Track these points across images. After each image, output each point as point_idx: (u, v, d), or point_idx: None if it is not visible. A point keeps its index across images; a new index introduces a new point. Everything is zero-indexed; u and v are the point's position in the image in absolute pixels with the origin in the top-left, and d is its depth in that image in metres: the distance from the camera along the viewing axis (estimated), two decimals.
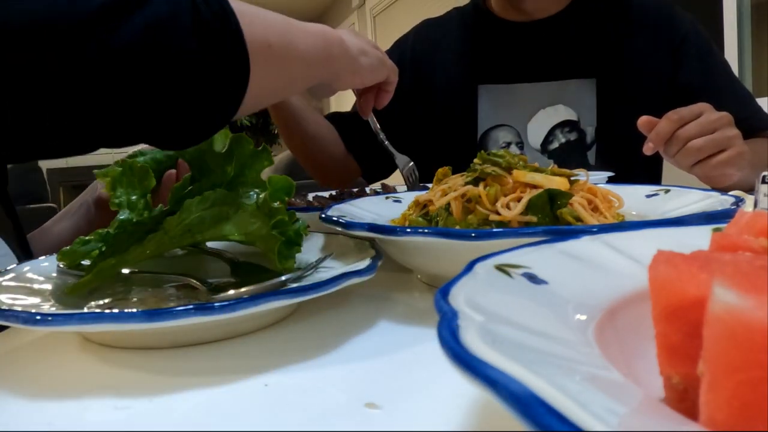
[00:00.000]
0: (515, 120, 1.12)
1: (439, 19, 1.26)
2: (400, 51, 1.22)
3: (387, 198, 0.63)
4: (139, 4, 0.34)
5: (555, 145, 1.12)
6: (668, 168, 1.12)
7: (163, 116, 0.37)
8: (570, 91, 1.11)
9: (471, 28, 1.18)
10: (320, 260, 0.45)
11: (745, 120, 0.99)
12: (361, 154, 1.15)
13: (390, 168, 1.15)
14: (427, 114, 1.17)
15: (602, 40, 1.10)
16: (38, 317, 0.33)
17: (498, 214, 0.46)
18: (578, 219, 0.45)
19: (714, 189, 0.67)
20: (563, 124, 1.12)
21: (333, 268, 0.43)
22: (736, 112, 0.91)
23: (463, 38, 1.18)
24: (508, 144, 1.13)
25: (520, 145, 1.13)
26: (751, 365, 0.14)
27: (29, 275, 0.46)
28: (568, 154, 1.11)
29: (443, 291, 0.22)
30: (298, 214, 0.47)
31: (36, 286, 0.44)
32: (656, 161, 1.15)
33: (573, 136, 1.11)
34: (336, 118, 1.17)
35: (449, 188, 0.50)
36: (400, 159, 0.92)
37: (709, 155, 0.84)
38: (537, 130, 1.13)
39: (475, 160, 0.52)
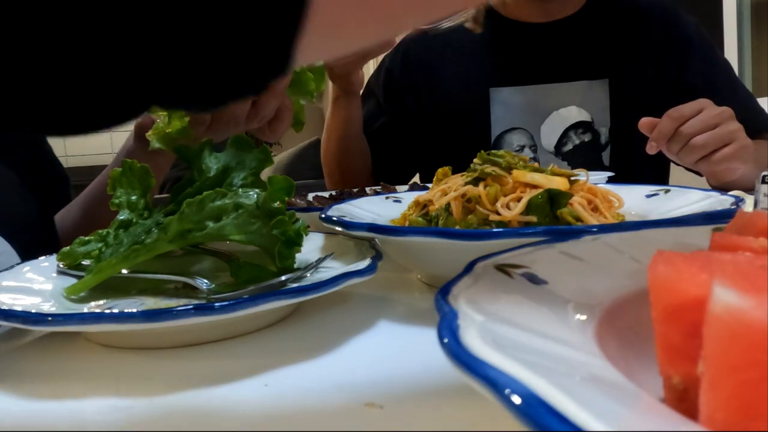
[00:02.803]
0: (528, 123, 1.12)
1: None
2: (404, 57, 1.21)
3: (387, 198, 0.63)
4: None
5: (569, 147, 1.11)
6: (675, 167, 1.13)
7: (185, 63, 0.23)
8: (582, 93, 1.10)
9: (479, 30, 1.18)
10: (320, 260, 0.45)
11: (746, 121, 0.98)
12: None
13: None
14: (440, 119, 1.16)
15: (613, 41, 1.10)
16: (38, 317, 0.33)
17: (498, 214, 0.46)
18: (578, 219, 0.45)
19: (715, 189, 0.68)
20: (577, 126, 1.11)
21: (333, 268, 0.43)
22: (737, 113, 0.92)
23: (472, 41, 1.16)
24: (522, 147, 1.12)
25: (534, 148, 1.12)
26: (751, 365, 0.14)
27: (29, 275, 0.46)
28: (582, 156, 1.11)
29: (443, 291, 0.22)
30: (298, 214, 0.47)
31: (36, 286, 0.44)
32: (665, 160, 1.15)
33: (587, 137, 1.11)
34: (371, 140, 1.17)
35: (449, 188, 0.50)
36: None
37: (713, 150, 0.84)
38: (550, 132, 1.12)
39: (475, 160, 0.52)
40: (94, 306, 0.40)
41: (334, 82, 1.05)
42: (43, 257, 0.50)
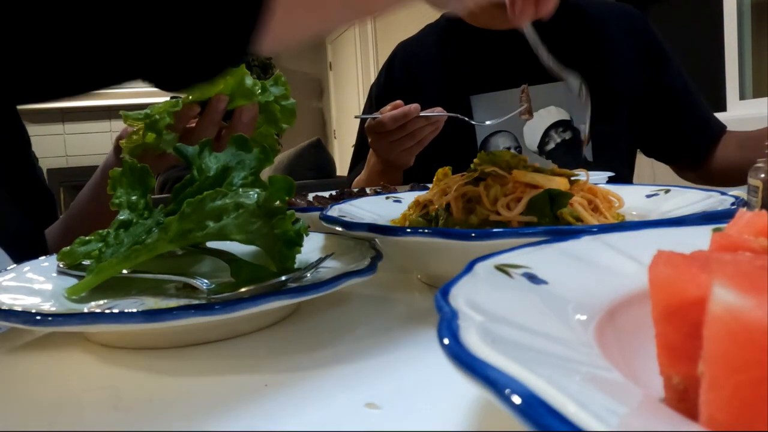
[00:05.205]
0: (511, 125, 1.16)
1: (414, 38, 1.30)
2: (386, 78, 1.27)
3: (387, 198, 0.63)
4: None
5: (551, 145, 1.16)
6: (638, 160, 1.26)
7: (158, 44, 0.29)
8: (559, 93, 1.15)
9: (451, 41, 1.22)
10: (320, 260, 0.45)
11: (710, 121, 1.14)
12: None
13: None
14: None
15: (583, 44, 1.15)
16: (38, 317, 0.33)
17: (498, 214, 0.46)
18: (578, 219, 0.45)
19: (714, 189, 0.68)
20: (557, 125, 1.16)
21: (333, 268, 0.43)
22: (705, 113, 1.12)
23: (445, 52, 1.21)
24: (508, 149, 1.16)
25: (519, 149, 1.17)
26: (751, 365, 0.14)
27: (29, 275, 0.46)
28: (565, 153, 1.16)
29: (443, 291, 0.22)
30: (298, 214, 0.47)
31: (36, 286, 0.44)
32: (633, 154, 1.25)
33: (567, 135, 1.16)
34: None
35: (449, 188, 0.51)
36: (570, 77, 0.85)
37: None
38: (532, 132, 1.16)
39: (475, 160, 0.52)
40: (94, 306, 0.40)
41: (388, 161, 1.12)
42: (43, 257, 0.50)
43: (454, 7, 0.54)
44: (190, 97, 0.68)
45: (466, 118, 1.06)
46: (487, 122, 1.08)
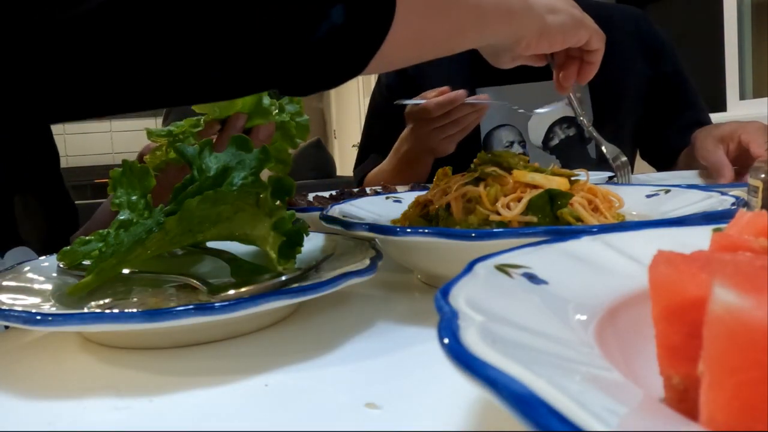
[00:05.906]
0: (515, 119, 1.16)
1: None
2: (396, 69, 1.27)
3: (387, 198, 0.63)
4: None
5: (555, 141, 1.17)
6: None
7: (279, 59, 0.34)
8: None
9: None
10: (320, 260, 0.45)
11: (703, 124, 1.15)
12: None
13: None
14: None
15: None
16: (38, 317, 0.33)
17: (498, 214, 0.46)
18: (578, 219, 0.45)
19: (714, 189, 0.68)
20: (561, 121, 1.16)
21: (333, 268, 0.43)
22: (701, 116, 1.15)
23: None
24: (512, 143, 1.18)
25: (523, 143, 1.17)
26: (751, 365, 0.14)
27: (29, 275, 0.46)
28: (569, 149, 1.17)
29: (443, 291, 0.22)
30: (299, 214, 0.47)
31: (36, 286, 0.44)
32: (632, 154, 1.26)
33: (572, 132, 1.17)
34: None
35: (449, 188, 0.50)
36: (610, 150, 0.84)
37: None
38: (537, 128, 1.17)
39: (475, 160, 0.52)
40: (94, 306, 0.40)
41: (426, 149, 1.11)
42: (43, 257, 0.50)
43: (506, 64, 0.59)
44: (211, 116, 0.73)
45: (515, 106, 1.04)
46: (536, 111, 1.05)
